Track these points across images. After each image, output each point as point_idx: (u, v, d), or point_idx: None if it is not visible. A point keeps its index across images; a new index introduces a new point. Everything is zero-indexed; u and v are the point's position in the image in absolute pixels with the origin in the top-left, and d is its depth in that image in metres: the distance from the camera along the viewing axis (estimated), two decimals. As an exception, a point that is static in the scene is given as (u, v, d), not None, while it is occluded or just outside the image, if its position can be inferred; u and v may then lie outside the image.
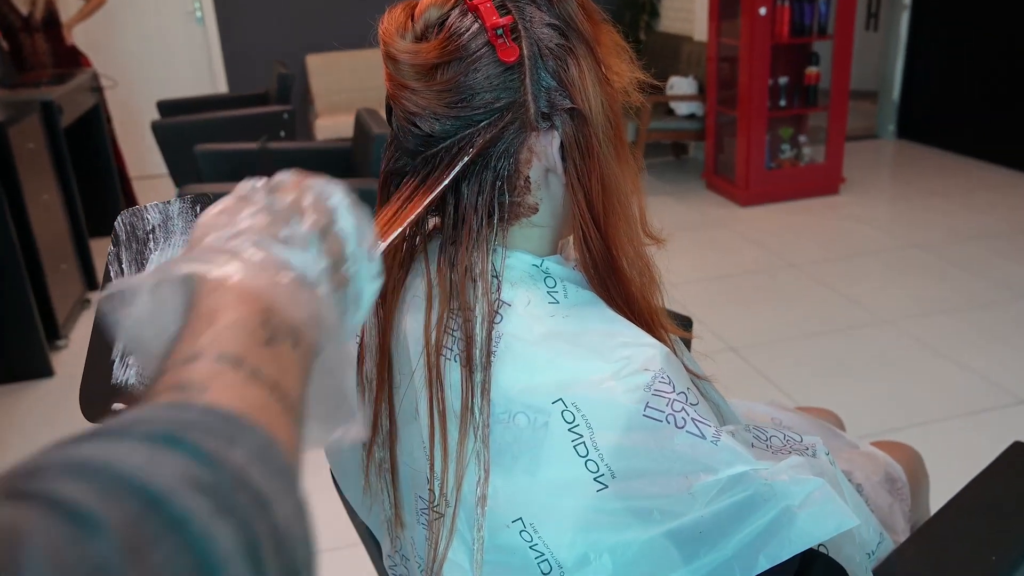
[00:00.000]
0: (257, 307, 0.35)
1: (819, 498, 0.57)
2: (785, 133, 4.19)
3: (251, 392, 0.31)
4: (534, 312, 0.63)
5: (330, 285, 0.41)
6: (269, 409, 0.32)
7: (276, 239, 0.39)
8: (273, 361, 0.33)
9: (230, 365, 0.32)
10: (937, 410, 2.22)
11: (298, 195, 0.43)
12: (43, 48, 3.85)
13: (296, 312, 0.36)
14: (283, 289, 0.36)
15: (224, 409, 0.30)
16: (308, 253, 0.40)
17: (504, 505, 0.61)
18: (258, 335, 0.34)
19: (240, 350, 0.33)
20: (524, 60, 0.60)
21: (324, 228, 0.42)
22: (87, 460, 0.25)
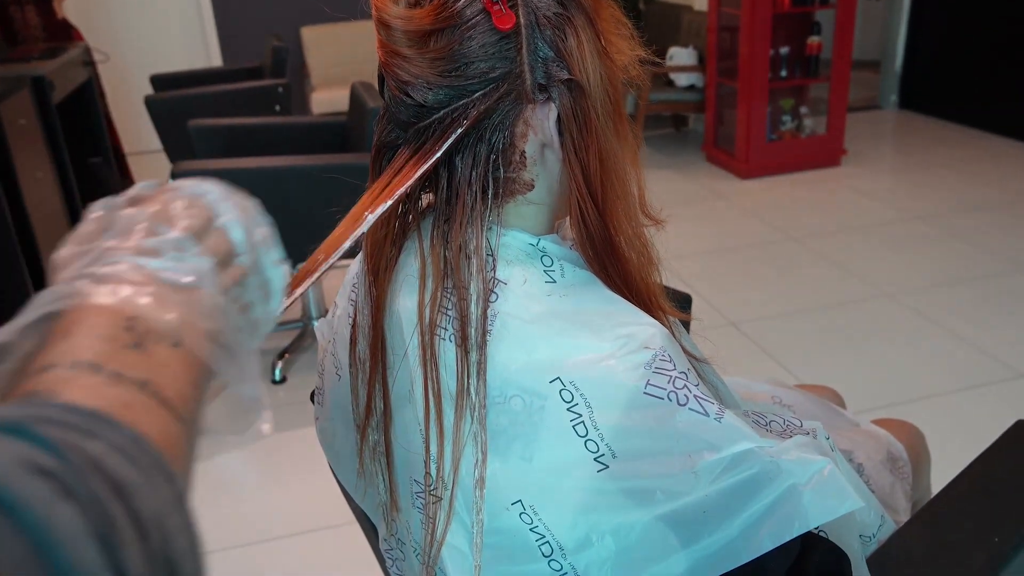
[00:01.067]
0: (118, 315, 0.34)
1: (825, 478, 0.56)
2: (786, 104, 4.15)
3: (114, 391, 0.30)
4: (531, 291, 0.61)
5: (221, 282, 0.40)
6: (136, 406, 0.31)
7: (142, 251, 0.37)
8: (140, 362, 0.32)
9: (87, 370, 0.31)
10: (938, 384, 2.21)
11: (164, 203, 0.41)
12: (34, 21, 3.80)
13: (169, 315, 0.35)
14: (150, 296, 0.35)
15: (83, 406, 0.29)
16: (183, 257, 0.38)
17: (503, 487, 0.60)
18: (121, 340, 0.33)
19: (95, 357, 0.31)
20: (520, 28, 0.58)
21: (201, 228, 0.40)
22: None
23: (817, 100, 4.37)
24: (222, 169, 2.12)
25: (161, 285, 0.36)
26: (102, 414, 0.29)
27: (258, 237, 0.43)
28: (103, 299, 0.34)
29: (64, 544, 0.23)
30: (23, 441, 0.25)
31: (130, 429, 0.29)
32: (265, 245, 0.44)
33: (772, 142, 4.10)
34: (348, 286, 0.75)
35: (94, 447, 0.26)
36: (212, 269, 0.39)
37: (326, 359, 0.79)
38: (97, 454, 0.26)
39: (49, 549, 0.23)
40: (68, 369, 0.31)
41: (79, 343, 0.32)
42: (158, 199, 0.41)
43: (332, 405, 0.78)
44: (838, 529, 0.62)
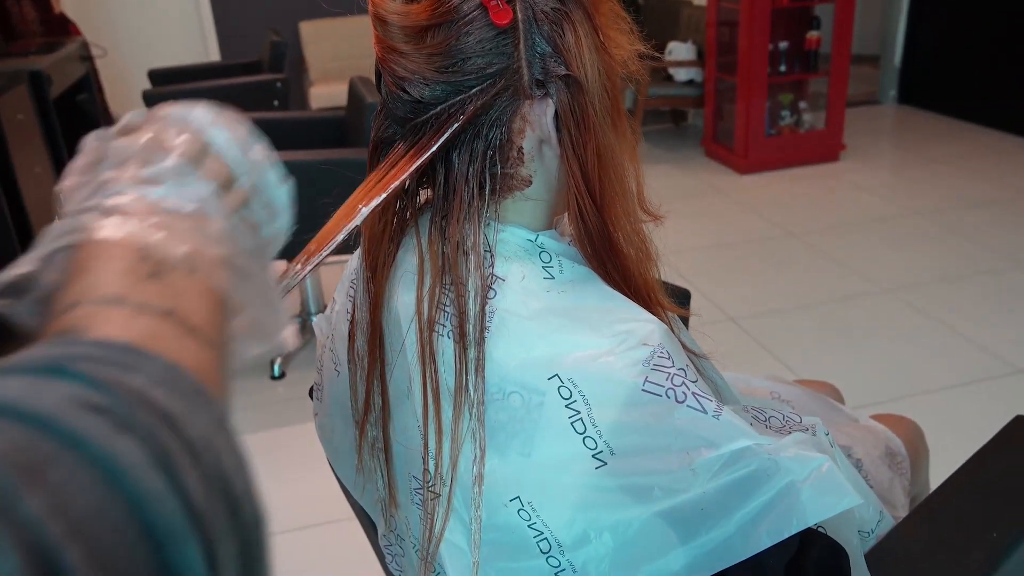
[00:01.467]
0: (131, 248, 0.34)
1: (823, 475, 0.56)
2: (785, 99, 4.14)
3: (140, 323, 0.30)
4: (529, 287, 0.61)
5: (225, 205, 0.40)
6: (166, 336, 0.31)
7: (140, 181, 0.37)
8: (162, 292, 0.32)
9: (111, 305, 0.31)
10: (937, 380, 2.22)
11: (156, 130, 0.40)
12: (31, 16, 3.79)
13: (180, 242, 0.35)
14: (157, 225, 0.35)
15: (115, 340, 0.29)
16: (183, 183, 0.38)
17: (501, 484, 0.60)
18: (138, 271, 0.33)
19: (118, 290, 0.31)
20: (518, 24, 0.58)
21: (198, 153, 0.40)
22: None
23: (816, 95, 4.36)
24: None
25: (166, 214, 0.36)
26: (135, 346, 0.29)
27: (255, 156, 0.43)
28: (112, 231, 0.34)
29: (130, 473, 0.24)
30: (69, 381, 0.26)
31: (165, 359, 0.29)
32: (263, 164, 0.43)
33: (771, 137, 4.09)
34: (346, 282, 0.75)
35: (135, 380, 0.27)
36: (214, 194, 0.39)
37: (324, 355, 0.79)
38: (140, 387, 0.27)
39: (118, 480, 0.24)
40: (93, 305, 0.31)
41: (100, 278, 0.32)
42: (149, 127, 0.41)
43: (331, 401, 0.78)
44: (837, 525, 0.62)
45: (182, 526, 0.25)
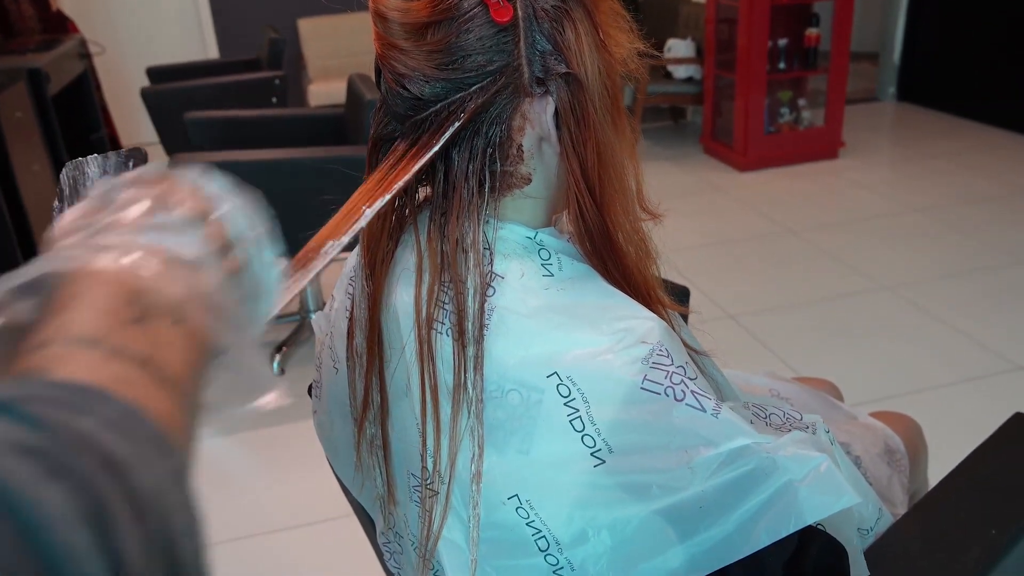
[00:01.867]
0: (122, 288, 0.32)
1: (822, 474, 0.56)
2: (784, 96, 4.14)
3: (112, 367, 0.29)
4: (528, 285, 0.61)
5: (220, 269, 0.39)
6: (135, 382, 0.29)
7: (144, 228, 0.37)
8: (143, 338, 0.31)
9: (84, 346, 0.29)
10: (936, 377, 2.22)
11: (167, 186, 0.40)
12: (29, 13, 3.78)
13: (173, 289, 0.34)
14: (155, 268, 0.34)
15: (76, 381, 0.28)
16: (185, 236, 0.38)
17: (500, 482, 0.60)
18: (122, 314, 0.31)
19: (97, 332, 0.30)
20: (518, 21, 0.58)
21: (201, 215, 0.40)
22: None
23: (815, 92, 4.36)
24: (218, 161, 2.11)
25: (165, 258, 0.36)
26: (95, 388, 0.28)
27: (255, 234, 0.43)
28: (105, 265, 0.33)
29: (52, 527, 0.22)
30: (8, 420, 0.24)
31: (124, 403, 0.28)
32: (261, 244, 0.43)
33: (770, 134, 4.09)
34: (345, 279, 0.75)
35: (85, 423, 0.25)
36: (213, 256, 0.39)
37: (323, 352, 0.79)
38: (88, 430, 0.25)
39: (36, 533, 0.22)
40: (64, 346, 0.29)
41: (77, 317, 0.31)
42: (160, 183, 0.41)
43: (329, 398, 0.78)
44: (836, 523, 0.62)
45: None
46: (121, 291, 0.32)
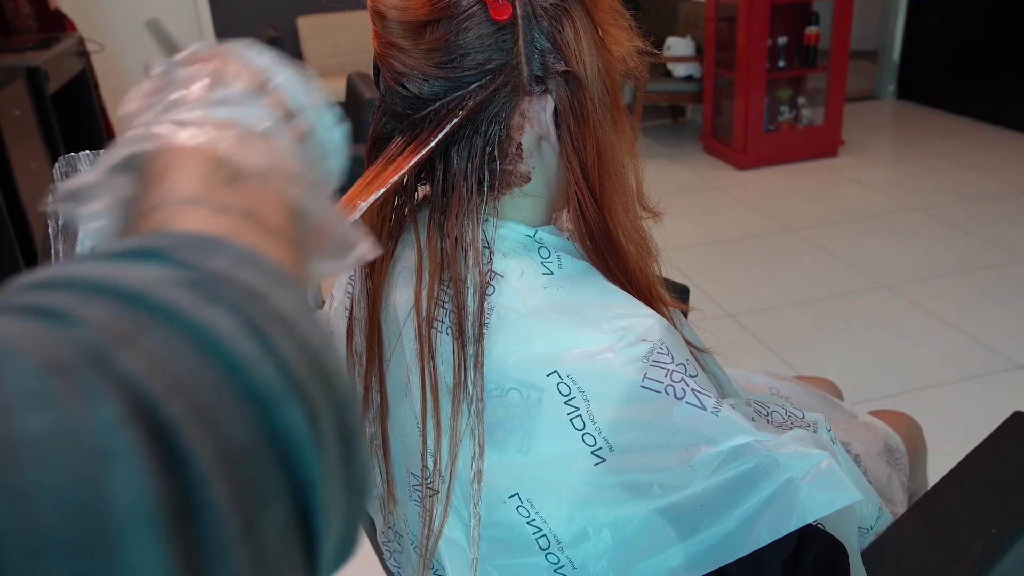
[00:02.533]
0: (208, 154, 0.34)
1: (823, 471, 0.56)
2: (784, 95, 4.14)
3: (221, 220, 0.30)
4: (528, 283, 0.61)
5: (289, 137, 0.40)
6: (247, 232, 0.31)
7: (211, 102, 0.38)
8: (240, 196, 0.32)
9: (191, 205, 0.31)
10: (936, 375, 2.22)
11: (223, 61, 0.41)
12: (26, 11, 3.77)
13: (254, 159, 0.35)
14: (232, 138, 0.35)
15: (197, 232, 0.29)
16: (250, 108, 0.38)
17: (500, 480, 0.60)
18: (215, 177, 0.33)
19: (196, 192, 0.32)
20: (517, 19, 0.58)
21: (260, 86, 0.40)
22: (51, 278, 0.24)
23: (815, 90, 4.35)
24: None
25: (240, 131, 0.36)
26: (215, 236, 0.29)
27: (313, 100, 0.43)
28: (187, 139, 0.34)
29: (223, 340, 0.24)
30: (153, 263, 0.26)
31: (247, 246, 0.29)
32: (320, 106, 0.44)
33: (770, 132, 4.09)
34: (344, 278, 0.75)
35: (218, 262, 0.27)
36: (280, 123, 0.40)
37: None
38: (223, 267, 0.27)
39: (212, 346, 0.23)
40: (174, 206, 0.31)
41: (178, 183, 0.32)
42: (215, 58, 0.41)
43: (328, 398, 0.78)
44: (836, 522, 0.62)
45: (282, 390, 0.24)
46: (210, 158, 0.34)
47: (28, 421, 0.19)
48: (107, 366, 0.21)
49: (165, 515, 0.20)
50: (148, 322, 0.23)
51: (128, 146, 0.35)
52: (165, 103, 0.38)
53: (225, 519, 0.22)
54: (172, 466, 0.21)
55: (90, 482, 0.19)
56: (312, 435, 0.25)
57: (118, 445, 0.20)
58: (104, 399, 0.20)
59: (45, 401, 0.20)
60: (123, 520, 0.19)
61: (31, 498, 0.18)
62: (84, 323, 0.22)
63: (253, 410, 0.24)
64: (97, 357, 0.21)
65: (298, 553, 0.25)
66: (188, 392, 0.22)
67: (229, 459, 0.22)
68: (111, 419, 0.20)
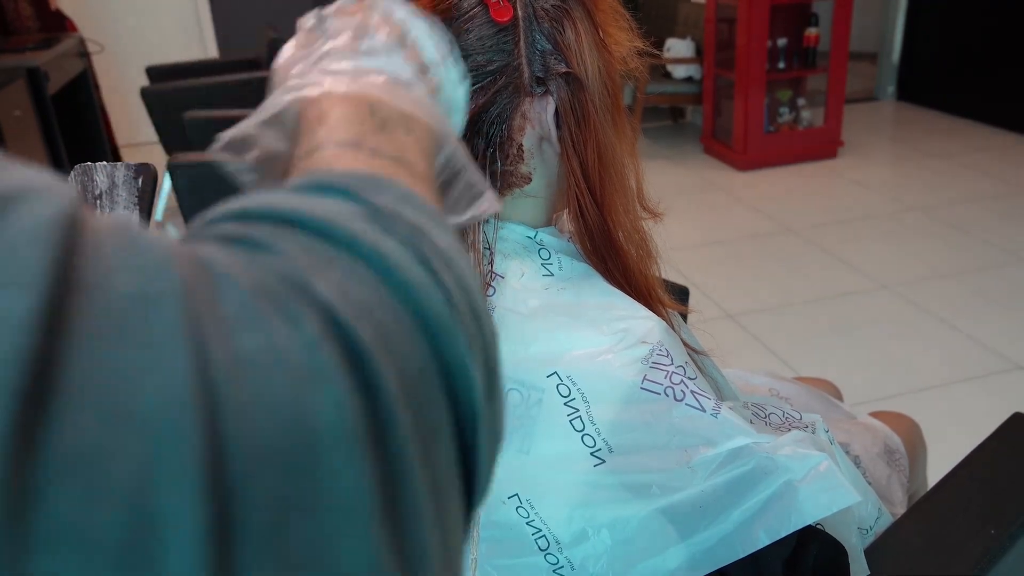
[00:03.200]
0: (362, 101, 0.36)
1: (822, 473, 0.56)
2: (783, 96, 4.14)
3: (377, 162, 0.32)
4: (528, 285, 0.61)
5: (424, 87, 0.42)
6: (400, 175, 0.32)
7: (359, 52, 0.40)
8: (390, 142, 0.34)
9: (350, 148, 0.33)
10: (935, 376, 2.22)
11: (365, 14, 0.43)
12: (27, 12, 3.77)
13: (401, 104, 0.37)
14: (381, 87, 0.37)
15: (361, 171, 0.31)
16: (393, 58, 0.41)
17: (500, 481, 0.60)
18: (369, 123, 0.35)
19: (355, 136, 0.33)
20: (518, 21, 0.58)
21: (400, 38, 0.43)
22: (247, 208, 0.26)
23: (814, 92, 4.36)
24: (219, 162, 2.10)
25: (386, 79, 0.38)
26: (377, 176, 0.30)
27: (443, 55, 0.44)
28: (338, 87, 0.36)
29: (400, 269, 0.25)
30: (332, 196, 0.27)
31: (405, 186, 0.30)
32: (449, 63, 0.45)
33: (769, 134, 4.09)
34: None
35: (385, 199, 0.28)
36: (416, 74, 0.41)
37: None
38: (390, 204, 0.28)
39: (390, 273, 0.25)
40: (334, 147, 0.33)
41: (336, 126, 0.34)
42: (359, 10, 0.43)
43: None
44: (836, 523, 0.62)
45: (449, 320, 0.26)
46: (363, 103, 0.35)
47: (245, 339, 0.20)
48: (305, 291, 0.22)
49: (362, 435, 0.21)
50: (335, 251, 0.25)
51: (287, 94, 0.37)
52: (316, 54, 0.40)
53: (410, 443, 0.23)
54: (364, 389, 0.22)
55: (299, 399, 0.20)
56: (472, 368, 0.26)
57: (321, 364, 0.21)
58: (306, 321, 0.22)
59: (257, 321, 0.21)
60: (329, 437, 0.20)
61: (253, 412, 0.19)
62: (283, 252, 0.24)
63: (426, 337, 0.25)
64: (296, 283, 0.23)
65: (460, 486, 0.26)
66: (373, 317, 0.23)
67: (407, 384, 0.23)
68: (312, 339, 0.21)
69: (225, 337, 0.20)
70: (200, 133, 2.67)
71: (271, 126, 0.37)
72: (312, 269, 0.23)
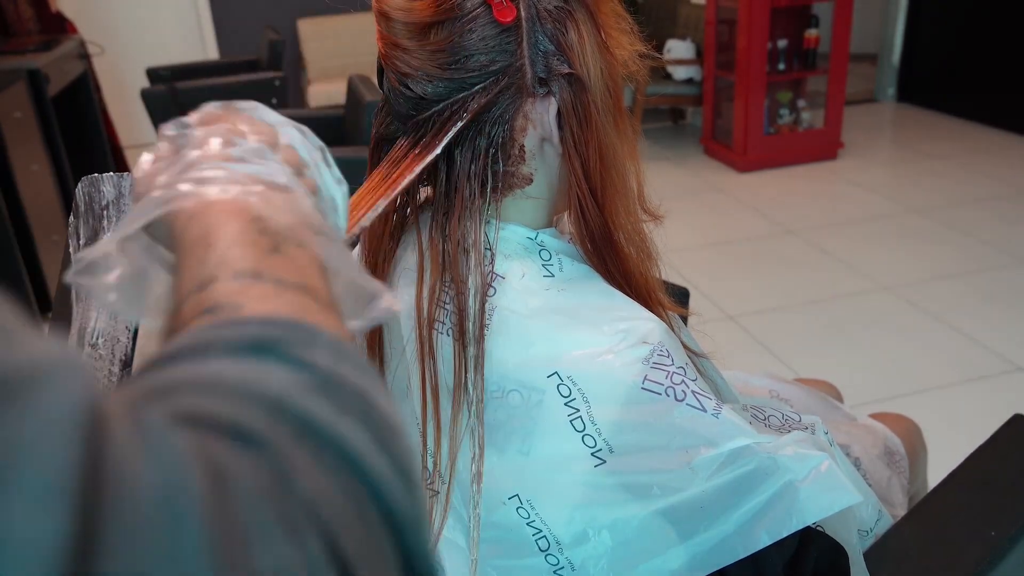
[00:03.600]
0: (247, 218, 0.33)
1: (823, 473, 0.56)
2: (783, 97, 4.14)
3: (287, 298, 0.30)
4: (529, 285, 0.61)
5: (303, 189, 0.40)
6: (310, 310, 0.30)
7: (228, 159, 0.38)
8: (289, 266, 0.32)
9: (251, 280, 0.30)
10: (936, 378, 2.22)
11: (232, 120, 0.42)
12: (27, 14, 3.78)
13: (284, 216, 0.35)
14: (261, 197, 0.35)
15: (283, 317, 0.29)
16: (268, 162, 0.39)
17: (500, 482, 0.60)
18: (261, 244, 0.32)
19: (251, 264, 0.31)
20: (521, 22, 0.58)
21: (271, 142, 0.41)
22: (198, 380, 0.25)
23: (815, 93, 4.36)
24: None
25: (265, 187, 0.36)
26: (304, 323, 0.29)
27: (318, 156, 0.44)
28: (217, 196, 0.34)
29: (363, 456, 0.24)
30: (280, 363, 0.26)
31: (333, 334, 0.29)
32: (323, 164, 0.44)
33: (770, 135, 4.09)
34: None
35: (322, 358, 0.27)
36: (293, 177, 0.40)
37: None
38: (330, 366, 0.27)
39: (354, 464, 0.24)
40: (234, 280, 0.30)
41: (229, 252, 0.31)
42: (224, 118, 0.42)
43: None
44: (836, 524, 0.62)
45: (412, 510, 0.25)
46: (249, 220, 0.33)
47: (260, 558, 0.21)
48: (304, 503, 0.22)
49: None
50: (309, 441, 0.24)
51: (156, 208, 0.34)
52: (182, 163, 0.37)
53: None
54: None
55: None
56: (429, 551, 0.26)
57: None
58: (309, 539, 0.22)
59: (269, 538, 0.21)
60: None
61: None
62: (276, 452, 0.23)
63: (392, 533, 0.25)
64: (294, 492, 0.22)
65: None
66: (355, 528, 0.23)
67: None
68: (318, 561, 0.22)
69: (243, 556, 0.20)
70: (200, 134, 2.66)
71: (134, 240, 0.35)
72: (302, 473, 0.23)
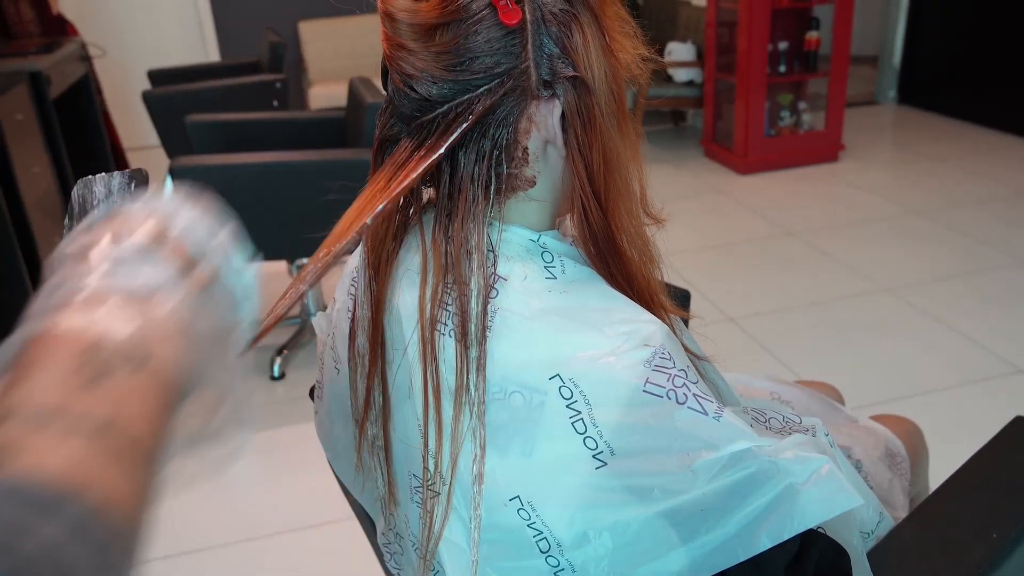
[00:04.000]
0: (78, 347, 0.33)
1: (824, 476, 0.56)
2: (784, 100, 4.15)
3: (68, 447, 0.30)
4: (531, 287, 0.61)
5: (184, 288, 0.39)
6: (94, 460, 0.30)
7: (101, 269, 0.37)
8: (102, 400, 0.32)
9: (42, 423, 0.30)
10: (937, 380, 2.22)
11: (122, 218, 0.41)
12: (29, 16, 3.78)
13: (128, 329, 0.34)
14: (111, 313, 0.35)
15: (42, 476, 0.28)
16: (140, 265, 0.38)
17: (501, 483, 0.60)
18: (81, 375, 0.32)
19: (56, 401, 0.31)
20: (526, 24, 0.58)
21: (158, 236, 0.40)
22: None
23: (815, 95, 4.36)
24: (220, 165, 2.11)
25: (120, 296, 0.36)
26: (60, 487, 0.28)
27: (219, 243, 0.42)
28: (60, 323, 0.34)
29: None
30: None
31: (85, 504, 0.28)
32: (227, 251, 0.42)
33: (770, 137, 4.10)
34: (347, 280, 0.75)
35: (49, 533, 0.26)
36: (175, 275, 0.39)
37: (325, 353, 0.79)
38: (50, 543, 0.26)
39: None
40: (24, 423, 0.30)
41: (36, 387, 0.31)
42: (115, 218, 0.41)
43: (331, 399, 0.78)
44: (838, 526, 0.62)
45: None
46: (76, 351, 0.33)
47: None
48: None
49: None
50: None
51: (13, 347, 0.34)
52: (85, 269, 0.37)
53: None
54: None
55: None
56: None
57: None
58: None
59: None
60: None
61: None
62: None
63: None
64: None
65: None
66: None
67: None
68: None
69: None
70: (202, 136, 2.67)
71: None
72: None
